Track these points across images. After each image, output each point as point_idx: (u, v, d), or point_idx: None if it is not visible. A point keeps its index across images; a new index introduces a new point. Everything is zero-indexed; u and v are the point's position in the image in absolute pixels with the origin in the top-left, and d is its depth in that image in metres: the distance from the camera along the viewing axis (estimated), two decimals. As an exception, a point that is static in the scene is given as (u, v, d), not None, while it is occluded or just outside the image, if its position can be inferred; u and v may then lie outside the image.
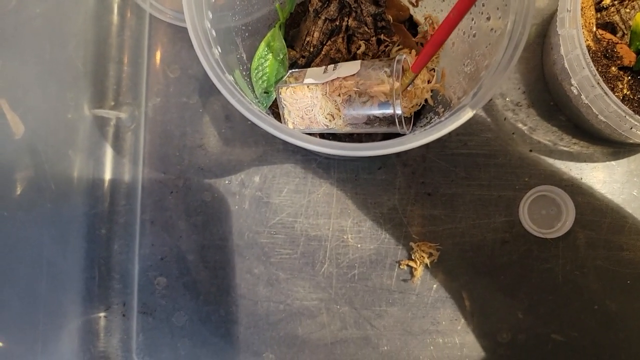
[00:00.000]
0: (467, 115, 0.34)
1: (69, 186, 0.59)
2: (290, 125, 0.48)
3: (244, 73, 0.49)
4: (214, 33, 0.42)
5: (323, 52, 0.50)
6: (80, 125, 0.60)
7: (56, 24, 0.57)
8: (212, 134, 0.61)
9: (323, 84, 0.45)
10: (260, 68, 0.49)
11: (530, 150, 0.59)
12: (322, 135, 0.50)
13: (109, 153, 0.62)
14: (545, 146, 0.59)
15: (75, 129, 0.60)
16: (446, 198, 0.59)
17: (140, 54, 0.62)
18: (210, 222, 0.60)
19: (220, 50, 0.42)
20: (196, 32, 0.36)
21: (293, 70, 0.50)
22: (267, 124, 0.35)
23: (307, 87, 0.46)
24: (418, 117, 0.52)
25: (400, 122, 0.45)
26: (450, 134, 0.59)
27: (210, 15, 0.41)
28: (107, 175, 0.61)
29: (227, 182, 0.60)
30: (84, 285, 0.60)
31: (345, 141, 0.52)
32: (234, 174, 0.61)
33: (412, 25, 0.56)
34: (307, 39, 0.51)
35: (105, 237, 0.61)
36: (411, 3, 0.55)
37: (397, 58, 0.45)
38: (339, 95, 0.45)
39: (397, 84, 0.44)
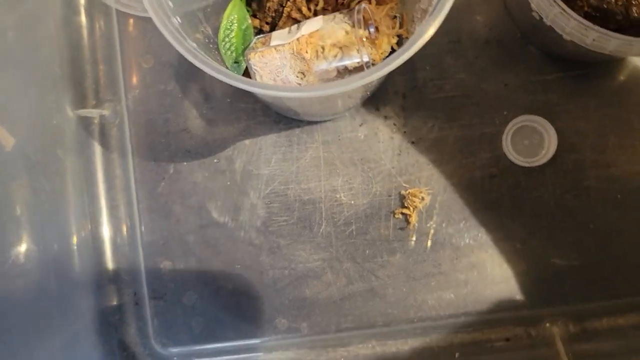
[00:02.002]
0: (426, 35, 0.35)
1: (64, 188, 0.61)
2: (264, 89, 0.49)
3: (212, 47, 0.51)
4: (178, 19, 0.43)
5: (285, 15, 0.51)
6: (66, 128, 0.62)
7: (28, 33, 0.58)
8: (194, 117, 0.62)
9: (289, 43, 0.46)
10: (227, 40, 0.50)
11: (505, 85, 0.61)
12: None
13: (97, 151, 0.63)
14: (519, 78, 0.61)
15: (62, 131, 0.61)
16: (430, 143, 0.61)
17: (113, 50, 0.63)
18: (204, 202, 0.61)
19: (180, 21, 0.42)
20: (157, 12, 0.37)
21: (259, 36, 0.51)
22: (209, 67, 0.36)
23: (275, 49, 0.47)
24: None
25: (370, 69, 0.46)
26: (424, 79, 0.60)
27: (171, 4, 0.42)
28: (99, 173, 0.63)
29: (215, 160, 0.62)
30: (93, 280, 0.61)
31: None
32: (221, 152, 0.62)
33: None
34: (268, 4, 0.52)
35: (106, 232, 0.62)
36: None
37: (356, 8, 0.47)
38: (307, 52, 0.46)
39: (360, 32, 0.45)
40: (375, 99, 0.60)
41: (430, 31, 0.36)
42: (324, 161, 0.61)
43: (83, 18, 0.64)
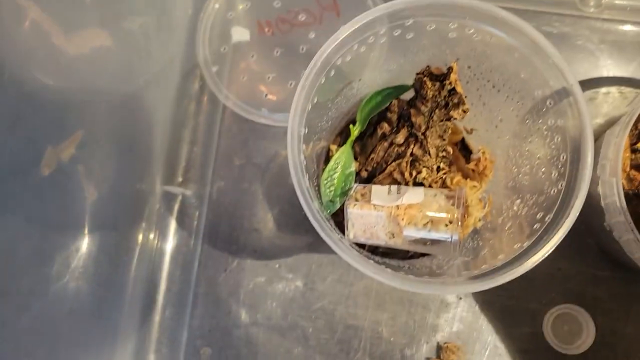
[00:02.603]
0: (536, 258, 0.40)
1: (132, 251, 0.65)
2: (352, 236, 0.53)
3: (311, 177, 0.55)
4: (303, 146, 0.47)
5: (387, 171, 0.55)
6: (149, 198, 0.66)
7: (143, 107, 0.63)
8: (268, 220, 0.66)
9: (389, 207, 0.51)
10: (329, 179, 0.55)
11: (559, 269, 0.65)
12: (378, 249, 0.56)
13: (172, 225, 0.67)
14: (572, 266, 0.65)
15: (145, 200, 0.66)
16: (477, 304, 0.64)
17: (211, 138, 0.68)
18: (257, 302, 0.65)
19: (305, 163, 0.47)
20: (295, 162, 0.42)
21: (358, 185, 0.55)
22: (350, 256, 0.41)
23: (374, 206, 0.51)
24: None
25: (455, 248, 0.50)
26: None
27: (304, 131, 0.46)
28: (168, 246, 0.67)
29: (277, 265, 0.66)
30: (134, 344, 0.64)
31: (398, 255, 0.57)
32: (284, 259, 0.66)
33: (464, 147, 0.62)
34: (372, 155, 0.57)
35: (159, 303, 0.66)
36: (466, 130, 0.61)
37: (458, 190, 0.51)
38: (403, 219, 0.50)
39: (457, 214, 0.50)
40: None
41: (539, 256, 0.40)
42: (375, 293, 0.65)
43: (193, 103, 0.69)
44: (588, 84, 0.68)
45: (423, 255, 0.59)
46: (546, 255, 0.41)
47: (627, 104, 0.67)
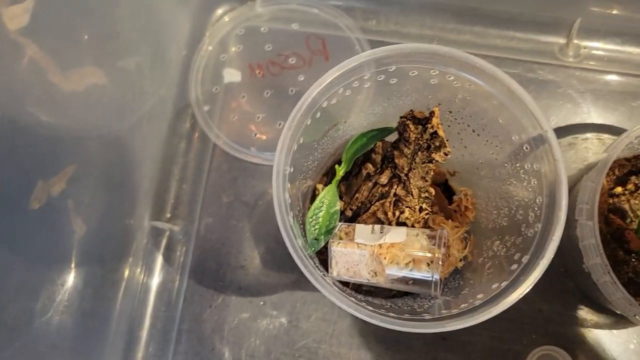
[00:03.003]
0: (513, 297, 0.41)
1: (118, 286, 0.65)
2: (335, 274, 0.54)
3: (297, 214, 0.56)
4: (289, 185, 0.48)
5: (371, 211, 0.57)
6: (137, 233, 0.67)
7: (135, 145, 0.65)
8: (254, 257, 0.67)
9: (372, 246, 0.52)
10: (314, 218, 0.56)
11: (540, 310, 0.65)
12: (361, 287, 0.57)
13: (159, 261, 0.68)
14: (553, 308, 0.65)
15: (132, 235, 0.66)
16: (460, 344, 0.65)
17: (200, 176, 0.69)
18: (241, 339, 0.65)
19: (290, 201, 0.48)
20: (280, 199, 0.43)
21: (342, 223, 0.56)
22: (334, 295, 0.41)
23: (357, 245, 0.52)
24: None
25: (436, 287, 0.51)
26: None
27: (289, 170, 0.48)
28: (154, 281, 0.67)
29: (262, 303, 0.66)
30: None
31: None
32: (269, 296, 0.66)
33: (447, 188, 0.64)
34: (357, 195, 0.58)
35: (143, 339, 0.66)
36: (449, 172, 0.62)
37: (439, 232, 0.52)
38: (385, 258, 0.51)
39: (438, 254, 0.51)
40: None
41: (516, 295, 0.41)
42: (359, 332, 0.65)
43: (183, 141, 0.70)
44: (568, 130, 0.71)
45: (406, 294, 0.59)
46: (523, 294, 0.42)
47: (604, 149, 0.69)
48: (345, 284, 0.59)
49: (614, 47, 0.73)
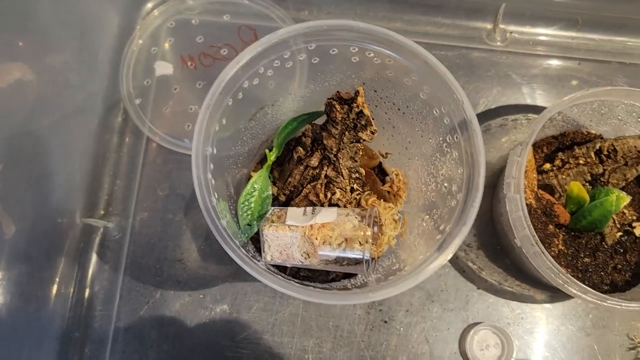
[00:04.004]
0: (435, 266, 0.41)
1: (51, 288, 0.63)
2: (269, 258, 0.53)
3: (229, 203, 0.56)
4: (212, 166, 0.48)
5: (303, 194, 0.57)
6: (69, 232, 0.65)
7: (62, 141, 0.63)
8: (192, 250, 0.66)
9: (303, 227, 0.52)
10: (247, 204, 0.56)
11: (478, 288, 0.66)
12: (299, 273, 0.57)
13: (93, 259, 0.66)
14: (491, 285, 0.67)
15: (64, 234, 0.65)
16: (401, 326, 0.65)
17: (134, 170, 0.68)
18: (181, 334, 0.64)
19: (213, 182, 0.48)
20: (199, 179, 0.43)
21: (275, 207, 0.56)
22: (255, 271, 0.41)
23: (289, 227, 0.52)
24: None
25: (367, 265, 0.51)
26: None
27: (211, 150, 0.47)
28: (89, 281, 0.65)
29: (201, 296, 0.65)
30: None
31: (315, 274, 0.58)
32: (209, 289, 0.65)
33: (381, 171, 0.64)
34: (290, 179, 0.58)
35: (78, 340, 0.64)
36: (381, 154, 0.63)
37: (369, 209, 0.53)
38: (317, 238, 0.51)
39: (368, 232, 0.51)
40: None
41: (437, 264, 0.42)
42: (301, 320, 0.65)
43: (115, 135, 0.69)
44: (498, 112, 0.73)
45: (344, 277, 0.59)
46: (445, 261, 0.43)
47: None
48: (283, 270, 0.59)
49: (539, 30, 0.75)
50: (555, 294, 0.67)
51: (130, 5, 0.73)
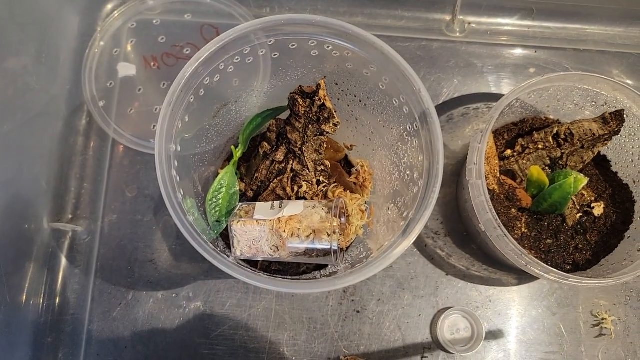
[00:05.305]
0: (399, 250, 0.42)
1: (21, 295, 0.62)
2: (238, 253, 0.54)
3: (197, 201, 0.56)
4: (176, 163, 0.48)
5: (270, 188, 0.57)
6: (36, 237, 0.64)
7: (24, 145, 0.63)
8: (163, 250, 0.66)
9: (271, 220, 0.52)
10: (214, 200, 0.56)
11: (447, 274, 0.68)
12: (270, 267, 0.57)
13: (63, 264, 0.66)
14: (459, 271, 0.68)
15: (31, 240, 0.64)
16: (374, 315, 0.66)
17: (101, 173, 0.68)
18: (155, 334, 0.64)
19: (179, 179, 0.48)
20: (164, 177, 0.43)
21: (243, 203, 0.57)
22: (224, 265, 0.42)
23: (257, 222, 0.53)
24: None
25: (336, 256, 0.52)
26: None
27: (175, 148, 0.48)
28: (59, 285, 0.65)
29: (174, 295, 0.65)
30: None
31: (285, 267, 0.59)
32: (181, 288, 0.66)
33: (347, 163, 0.65)
34: (256, 175, 0.58)
35: (51, 345, 0.63)
36: (346, 147, 0.64)
37: (336, 200, 0.53)
38: (284, 231, 0.52)
39: (335, 222, 0.52)
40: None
41: (401, 248, 0.43)
42: (274, 314, 0.66)
43: (80, 138, 0.69)
44: (459, 102, 0.74)
45: (315, 269, 0.60)
46: (408, 247, 0.44)
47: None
48: (254, 265, 0.59)
49: (497, 20, 0.77)
50: (522, 277, 0.69)
51: (90, 7, 0.73)
